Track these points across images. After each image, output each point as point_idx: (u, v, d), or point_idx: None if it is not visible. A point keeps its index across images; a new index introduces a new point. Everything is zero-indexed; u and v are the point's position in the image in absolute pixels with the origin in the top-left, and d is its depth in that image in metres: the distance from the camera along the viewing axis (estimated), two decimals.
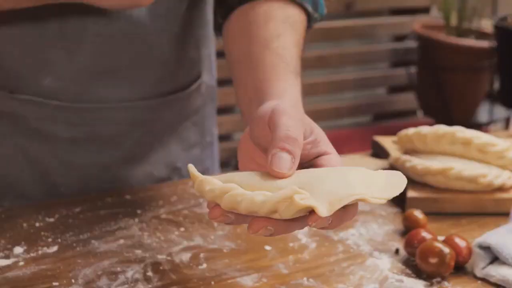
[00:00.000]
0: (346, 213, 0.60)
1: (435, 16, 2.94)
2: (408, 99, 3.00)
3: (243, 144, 0.69)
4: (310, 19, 0.88)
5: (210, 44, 1.01)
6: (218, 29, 0.91)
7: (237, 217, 0.60)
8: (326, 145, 0.65)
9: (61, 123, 0.90)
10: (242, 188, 0.59)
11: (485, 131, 1.19)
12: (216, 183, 0.60)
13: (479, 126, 2.67)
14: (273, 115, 0.63)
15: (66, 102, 0.89)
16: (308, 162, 0.65)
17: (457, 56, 2.56)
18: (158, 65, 0.92)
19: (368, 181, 0.60)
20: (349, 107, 2.99)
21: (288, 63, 0.77)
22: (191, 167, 0.62)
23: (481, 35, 2.66)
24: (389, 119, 3.10)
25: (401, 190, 0.61)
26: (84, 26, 0.84)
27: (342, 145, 2.66)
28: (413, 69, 2.84)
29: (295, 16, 0.83)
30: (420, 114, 3.01)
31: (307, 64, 2.81)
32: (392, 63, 3.06)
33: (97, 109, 0.90)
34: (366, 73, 2.98)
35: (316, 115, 2.91)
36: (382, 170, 0.63)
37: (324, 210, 0.56)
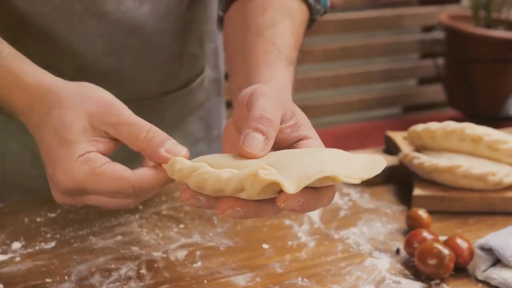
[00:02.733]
0: (320, 194, 0.57)
1: (465, 6, 2.88)
2: (439, 91, 2.95)
3: (226, 130, 0.68)
4: (312, 12, 0.86)
5: (216, 38, 1.00)
6: (220, 22, 0.90)
7: (208, 199, 0.58)
8: (307, 129, 0.63)
9: None
10: (210, 167, 0.57)
11: None
12: (186, 162, 0.59)
13: (508, 119, 2.62)
14: (251, 96, 0.62)
15: None
16: (288, 147, 0.63)
17: (485, 47, 2.50)
18: (161, 64, 0.91)
19: (343, 162, 0.58)
20: (378, 99, 2.96)
21: (281, 51, 0.75)
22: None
23: (510, 25, 2.60)
24: (420, 111, 3.06)
25: (378, 172, 0.58)
26: (87, 28, 0.84)
27: (371, 137, 2.64)
28: (440, 61, 2.79)
29: (294, 7, 0.82)
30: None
31: (333, 56, 2.79)
32: (421, 54, 3.01)
33: None
34: (394, 64, 2.95)
35: (343, 107, 2.89)
36: (361, 154, 0.60)
37: (291, 187, 0.53)
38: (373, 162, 0.59)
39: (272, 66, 0.72)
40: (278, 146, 0.61)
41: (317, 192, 0.57)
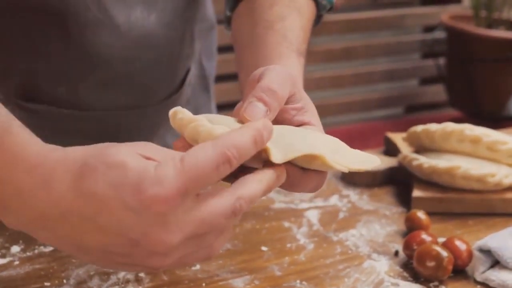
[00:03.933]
0: (307, 176, 0.57)
1: (466, 6, 2.88)
2: (441, 91, 2.95)
3: (237, 110, 0.68)
4: (319, 7, 0.87)
5: (202, 36, 1.00)
6: (228, 22, 0.91)
7: None
8: (312, 116, 0.64)
9: (74, 131, 0.90)
10: (207, 122, 0.57)
11: None
12: (187, 113, 0.59)
13: (510, 119, 2.62)
14: (263, 71, 0.62)
15: (79, 110, 0.89)
16: None
17: (486, 47, 2.50)
18: (166, 69, 0.91)
19: (337, 150, 0.58)
20: (379, 99, 2.96)
21: (292, 42, 0.76)
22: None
23: (511, 25, 2.60)
24: (422, 111, 3.06)
25: (369, 168, 0.58)
26: (98, 38, 0.84)
27: (372, 138, 2.63)
28: (442, 61, 2.79)
29: (302, 1, 0.82)
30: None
31: (335, 56, 2.79)
32: (422, 54, 3.01)
33: (108, 116, 0.90)
34: (396, 64, 2.94)
35: (345, 107, 2.89)
36: (358, 150, 0.60)
37: (277, 156, 0.54)
38: (368, 158, 0.59)
39: (283, 57, 0.73)
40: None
41: (305, 173, 0.57)
